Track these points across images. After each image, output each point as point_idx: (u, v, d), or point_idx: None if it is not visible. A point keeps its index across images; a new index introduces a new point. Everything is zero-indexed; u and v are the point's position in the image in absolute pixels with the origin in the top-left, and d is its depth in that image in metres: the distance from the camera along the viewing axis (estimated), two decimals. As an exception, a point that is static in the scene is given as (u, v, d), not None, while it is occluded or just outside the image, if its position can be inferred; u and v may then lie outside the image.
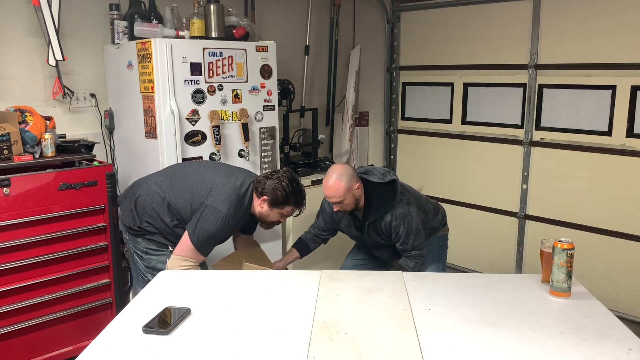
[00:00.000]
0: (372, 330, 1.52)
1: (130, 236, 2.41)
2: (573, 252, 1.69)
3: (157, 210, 2.33)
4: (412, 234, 2.41)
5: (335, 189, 2.33)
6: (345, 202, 2.37)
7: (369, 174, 2.49)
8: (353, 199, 2.38)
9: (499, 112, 3.75)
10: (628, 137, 3.17)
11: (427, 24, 4.11)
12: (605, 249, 3.32)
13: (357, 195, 2.39)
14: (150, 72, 2.78)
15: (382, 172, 2.49)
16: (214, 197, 2.26)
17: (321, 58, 4.34)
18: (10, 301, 2.53)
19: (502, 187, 3.78)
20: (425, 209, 2.59)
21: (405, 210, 2.41)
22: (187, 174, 2.39)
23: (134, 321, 1.57)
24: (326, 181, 2.36)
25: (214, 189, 2.28)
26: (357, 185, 2.38)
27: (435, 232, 2.68)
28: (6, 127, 2.53)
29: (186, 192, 2.31)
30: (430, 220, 2.62)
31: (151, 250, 2.37)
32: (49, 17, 2.83)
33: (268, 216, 2.36)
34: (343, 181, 2.33)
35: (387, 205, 2.40)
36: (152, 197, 2.36)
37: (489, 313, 1.64)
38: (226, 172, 2.41)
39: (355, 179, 2.38)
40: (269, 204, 2.30)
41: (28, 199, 2.52)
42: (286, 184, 2.30)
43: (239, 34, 3.12)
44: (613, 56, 3.16)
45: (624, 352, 1.40)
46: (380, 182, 2.44)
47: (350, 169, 2.41)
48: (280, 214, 2.36)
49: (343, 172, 2.36)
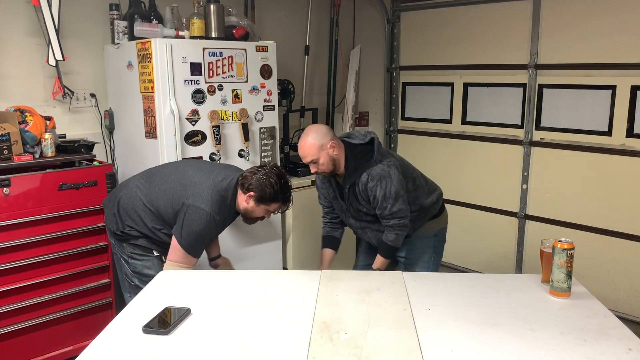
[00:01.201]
0: (372, 330, 1.52)
1: (115, 241, 2.36)
2: (573, 252, 1.69)
3: (139, 214, 2.28)
4: (390, 198, 2.25)
5: (307, 147, 2.25)
6: (321, 162, 2.26)
7: (350, 137, 2.38)
8: (328, 159, 2.27)
9: (499, 112, 3.75)
10: (628, 137, 3.17)
11: (427, 24, 4.11)
12: (605, 249, 3.31)
13: (333, 154, 2.27)
14: (150, 72, 2.78)
15: (363, 133, 2.37)
16: (195, 196, 2.19)
17: (321, 58, 4.34)
18: (10, 301, 2.53)
19: (502, 187, 3.78)
20: (415, 180, 2.41)
21: (384, 170, 2.25)
22: (166, 175, 2.33)
23: (134, 321, 1.57)
24: (300, 142, 2.29)
25: (193, 187, 2.22)
26: (330, 143, 2.25)
27: (426, 215, 2.47)
28: (6, 127, 2.53)
29: (165, 193, 2.25)
30: (421, 197, 2.42)
31: (136, 255, 2.32)
32: (49, 17, 2.83)
33: (253, 212, 2.29)
34: (315, 139, 2.24)
35: (364, 165, 2.27)
36: (133, 200, 2.30)
37: (489, 313, 1.64)
38: (206, 169, 2.36)
39: (329, 137, 2.27)
40: (256, 200, 2.24)
41: (28, 199, 2.52)
42: (274, 180, 2.24)
43: (239, 34, 3.12)
44: (613, 56, 3.16)
45: (624, 352, 1.40)
46: (361, 142, 2.33)
47: (324, 128, 2.32)
48: (267, 210, 2.30)
49: (315, 131, 2.28)
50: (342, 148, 2.31)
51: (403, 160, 2.45)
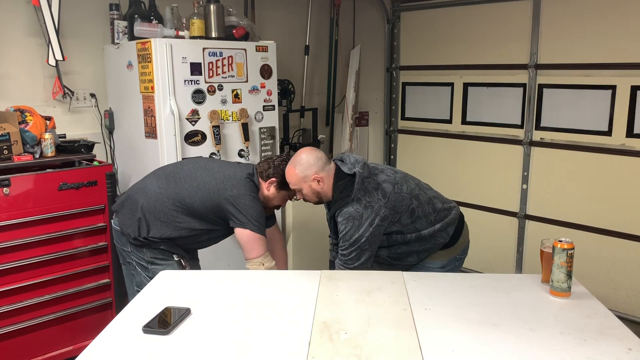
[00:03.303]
0: (372, 330, 1.52)
1: (133, 247, 2.28)
2: (573, 252, 1.69)
3: (170, 214, 2.23)
4: (347, 242, 2.06)
5: (290, 176, 2.15)
6: (304, 193, 2.15)
7: (343, 161, 2.18)
8: (311, 191, 2.13)
9: (499, 112, 3.75)
10: (628, 137, 3.17)
11: (427, 24, 4.11)
12: (605, 249, 3.31)
13: (317, 188, 2.11)
14: (150, 72, 2.78)
15: (352, 162, 2.15)
16: (236, 187, 2.22)
17: (321, 58, 4.34)
18: (10, 301, 2.53)
19: (502, 187, 3.78)
20: (413, 212, 2.14)
21: (357, 211, 2.05)
22: (191, 173, 2.31)
23: (134, 321, 1.57)
24: (287, 165, 2.18)
25: (230, 180, 2.25)
26: (314, 176, 2.09)
27: (427, 244, 2.19)
28: (6, 127, 2.54)
29: (199, 189, 2.24)
30: (420, 227, 2.16)
31: (157, 259, 2.27)
32: (49, 17, 2.83)
33: (273, 200, 2.32)
34: (299, 170, 2.10)
35: (343, 201, 2.09)
36: (160, 202, 2.24)
37: (489, 313, 1.63)
38: (228, 165, 2.42)
39: (315, 169, 2.09)
40: (277, 186, 2.28)
41: (28, 199, 2.52)
42: None
43: (239, 34, 3.12)
44: (613, 56, 3.16)
45: (624, 352, 1.40)
46: (347, 172, 2.13)
47: (313, 157, 2.11)
48: (286, 196, 2.34)
49: (302, 160, 2.11)
50: (331, 177, 2.12)
51: (401, 192, 2.13)
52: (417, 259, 2.23)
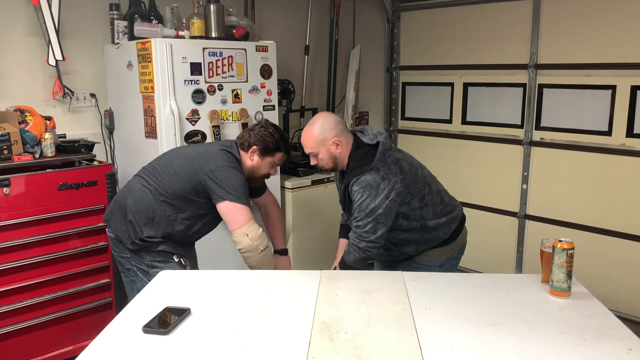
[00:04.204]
0: (372, 330, 1.52)
1: (132, 254, 2.26)
2: (573, 252, 1.69)
3: (156, 209, 2.21)
4: (362, 212, 2.02)
5: (307, 138, 2.09)
6: (320, 157, 2.09)
7: (363, 133, 2.17)
8: (328, 155, 2.08)
9: (499, 112, 3.76)
10: (628, 137, 3.17)
11: (427, 24, 4.11)
12: (605, 249, 3.31)
13: (335, 152, 2.08)
14: (150, 72, 2.78)
15: (374, 133, 2.15)
16: (212, 161, 2.16)
17: (321, 58, 4.34)
18: (10, 301, 2.53)
19: (502, 187, 3.78)
20: (423, 198, 2.14)
21: (374, 180, 2.01)
22: (167, 162, 2.28)
23: (134, 321, 1.57)
24: (304, 128, 2.13)
25: (205, 156, 2.20)
26: (334, 139, 2.06)
27: (429, 236, 2.18)
28: (6, 127, 2.54)
29: (177, 175, 2.20)
30: (426, 216, 2.15)
31: (157, 262, 2.25)
32: (49, 17, 2.84)
33: (259, 169, 2.27)
34: (317, 131, 2.06)
35: (361, 169, 2.05)
36: (145, 200, 2.22)
37: (489, 313, 1.63)
38: (202, 145, 2.40)
39: (335, 132, 2.06)
40: (260, 153, 2.23)
41: (28, 199, 2.52)
42: (272, 130, 2.24)
43: (239, 34, 3.12)
44: (613, 56, 3.16)
45: (624, 352, 1.40)
46: (368, 143, 2.11)
47: (333, 120, 2.08)
48: (272, 163, 2.28)
49: (322, 121, 2.08)
50: (349, 144, 2.10)
51: (416, 174, 2.15)
52: (414, 249, 2.22)
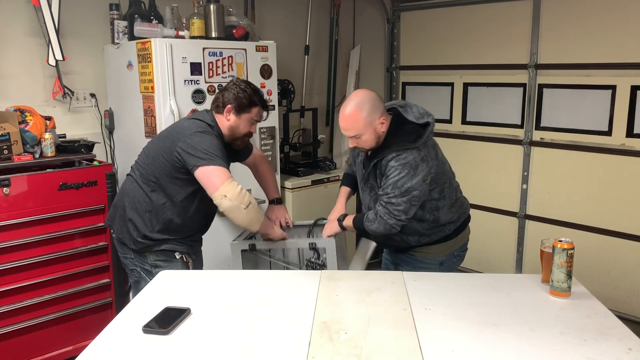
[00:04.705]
0: (372, 330, 1.52)
1: (135, 254, 2.26)
2: (573, 252, 1.69)
3: (150, 202, 2.19)
4: (396, 189, 1.94)
5: (353, 121, 1.94)
6: (363, 139, 1.97)
7: (405, 109, 2.06)
8: (374, 136, 1.97)
9: (499, 112, 3.76)
10: (628, 137, 3.17)
11: (427, 23, 4.11)
12: (605, 249, 3.31)
13: (380, 132, 1.98)
14: (150, 72, 2.78)
15: (421, 112, 2.05)
16: (181, 134, 2.12)
17: (321, 58, 4.34)
18: (10, 301, 2.53)
19: (502, 187, 3.78)
20: (443, 191, 2.12)
21: (415, 160, 1.94)
22: (145, 152, 2.29)
23: (134, 321, 1.57)
24: (343, 109, 1.97)
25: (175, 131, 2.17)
26: (381, 119, 1.96)
27: (437, 230, 2.17)
28: (6, 127, 2.54)
29: (155, 159, 2.18)
30: (442, 209, 2.13)
31: (160, 261, 2.24)
32: (49, 17, 2.84)
33: (238, 127, 2.22)
34: (364, 111, 1.93)
35: (402, 145, 1.96)
36: (136, 195, 2.22)
37: (489, 313, 1.63)
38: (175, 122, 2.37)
39: (381, 111, 1.97)
40: (235, 111, 2.19)
41: (28, 199, 2.52)
42: (244, 86, 2.20)
43: (239, 34, 3.12)
44: (613, 56, 3.16)
45: (624, 352, 1.40)
46: (414, 122, 2.01)
47: (376, 98, 1.98)
48: (250, 119, 2.23)
49: (365, 100, 1.95)
50: (389, 119, 2.02)
51: (444, 165, 2.14)
52: (416, 241, 2.19)
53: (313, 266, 2.35)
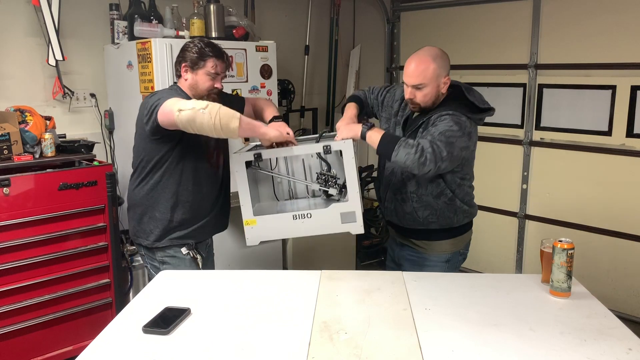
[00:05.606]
0: (372, 330, 1.52)
1: (145, 251, 2.28)
2: (573, 252, 1.69)
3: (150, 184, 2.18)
4: (442, 135, 1.85)
5: (423, 68, 1.90)
6: (424, 92, 1.93)
7: (469, 91, 2.04)
8: (434, 94, 1.94)
9: (498, 112, 3.68)
10: (628, 137, 3.17)
11: (427, 24, 4.11)
12: (605, 249, 3.32)
13: (442, 92, 1.96)
14: (150, 72, 2.78)
15: (484, 100, 2.06)
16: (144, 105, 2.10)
17: (321, 58, 4.34)
18: (10, 301, 2.53)
19: (502, 187, 3.78)
20: (465, 176, 2.11)
21: (465, 125, 1.91)
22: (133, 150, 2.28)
23: (134, 321, 1.57)
24: (414, 57, 1.93)
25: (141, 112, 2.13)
26: (446, 78, 1.94)
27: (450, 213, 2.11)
28: (6, 127, 2.54)
29: (137, 143, 2.18)
30: (460, 191, 2.10)
31: (167, 258, 2.26)
32: (49, 17, 2.84)
33: (197, 83, 2.15)
34: (436, 62, 1.89)
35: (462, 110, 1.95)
36: (138, 185, 2.22)
37: (489, 313, 1.63)
38: None
39: (448, 71, 1.95)
40: (190, 68, 2.13)
41: (28, 199, 2.52)
42: (196, 42, 2.17)
43: (239, 34, 3.12)
44: (613, 56, 3.16)
45: (624, 352, 1.40)
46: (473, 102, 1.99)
47: (447, 57, 1.96)
48: (207, 73, 2.13)
49: (439, 54, 1.93)
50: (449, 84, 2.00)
51: (473, 159, 2.14)
52: (425, 220, 2.13)
53: (325, 179, 2.14)
